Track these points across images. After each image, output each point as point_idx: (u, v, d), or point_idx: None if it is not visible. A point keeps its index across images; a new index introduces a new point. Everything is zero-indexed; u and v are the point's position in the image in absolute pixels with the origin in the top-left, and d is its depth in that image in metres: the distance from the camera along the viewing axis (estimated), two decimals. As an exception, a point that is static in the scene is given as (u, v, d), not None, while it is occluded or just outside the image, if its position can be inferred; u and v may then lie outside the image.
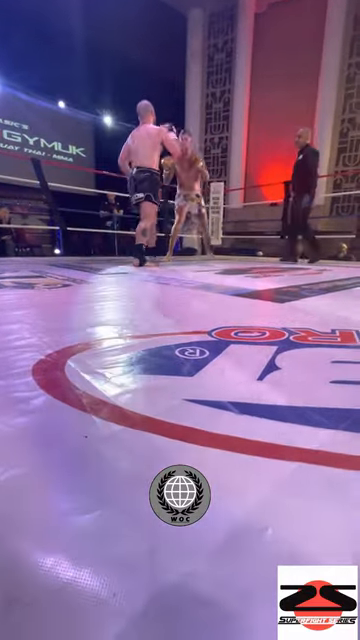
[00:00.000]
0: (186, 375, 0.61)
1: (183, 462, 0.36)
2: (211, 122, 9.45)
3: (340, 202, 8.10)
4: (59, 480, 0.35)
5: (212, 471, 0.35)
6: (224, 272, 2.90)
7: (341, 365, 0.68)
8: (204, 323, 0.99)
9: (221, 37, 9.07)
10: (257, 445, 0.40)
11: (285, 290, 1.77)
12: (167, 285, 1.91)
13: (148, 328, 0.94)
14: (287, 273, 2.83)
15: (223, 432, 0.43)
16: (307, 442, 0.41)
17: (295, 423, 0.46)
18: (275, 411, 0.49)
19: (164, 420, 0.45)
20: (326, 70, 7.70)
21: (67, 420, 0.45)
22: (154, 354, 0.72)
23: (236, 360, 0.70)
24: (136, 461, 0.38)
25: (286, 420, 0.46)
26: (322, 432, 0.43)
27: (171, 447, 0.39)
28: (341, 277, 2.51)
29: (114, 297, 1.46)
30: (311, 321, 1.06)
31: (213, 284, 1.98)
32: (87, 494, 0.32)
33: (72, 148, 9.76)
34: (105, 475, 0.35)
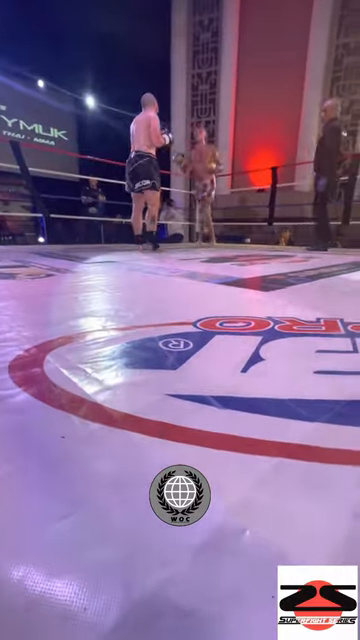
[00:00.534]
0: (169, 369, 0.60)
1: (162, 461, 0.35)
2: (197, 105, 9.21)
3: (327, 188, 8.08)
4: (32, 484, 0.33)
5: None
6: (210, 260, 2.87)
7: (325, 355, 0.69)
8: (189, 313, 0.97)
9: (206, 14, 8.75)
10: (238, 441, 0.39)
11: (271, 278, 1.77)
12: (153, 274, 1.88)
13: (132, 319, 0.92)
14: (274, 261, 2.83)
15: (204, 428, 0.42)
16: (288, 436, 0.40)
17: (277, 416, 0.45)
18: (257, 404, 0.48)
19: (144, 417, 0.44)
20: (314, 52, 7.56)
21: (44, 420, 0.44)
22: (137, 347, 0.71)
23: (220, 352, 0.69)
24: (114, 461, 0.36)
25: (268, 413, 0.46)
26: (304, 425, 0.43)
27: (151, 445, 0.38)
28: (327, 264, 2.53)
29: (99, 287, 1.43)
30: (296, 310, 1.06)
31: (199, 272, 1.96)
32: (61, 498, 0.31)
33: (54, 131, 9.40)
34: (81, 477, 0.34)
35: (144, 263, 2.49)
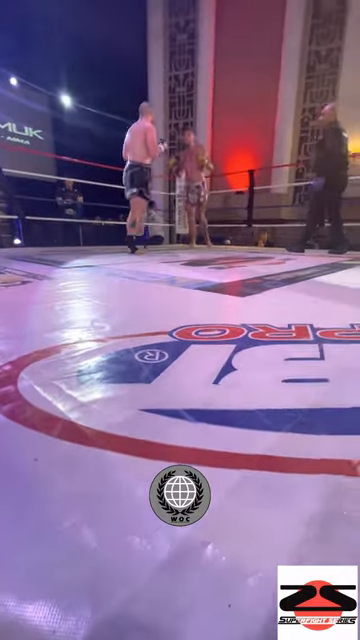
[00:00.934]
0: (144, 382, 0.62)
1: (132, 479, 0.37)
2: (175, 107, 9.24)
3: (302, 191, 8.32)
4: (1, 509, 0.34)
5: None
6: (190, 263, 2.90)
7: (293, 363, 0.72)
8: (166, 322, 0.99)
9: (182, 16, 8.80)
10: (208, 455, 0.42)
11: (248, 282, 1.82)
12: (132, 280, 1.89)
13: (109, 330, 0.92)
14: (252, 263, 2.89)
15: (176, 443, 0.44)
16: (254, 448, 0.43)
17: (245, 428, 0.48)
18: (228, 416, 0.51)
19: (118, 434, 0.45)
20: (287, 58, 7.76)
21: (17, 441, 0.44)
22: (113, 360, 0.72)
23: (195, 362, 0.71)
24: (85, 482, 0.38)
25: (237, 425, 0.48)
26: (269, 436, 0.46)
27: (122, 464, 0.40)
28: (302, 267, 2.61)
29: (76, 295, 1.42)
30: (270, 316, 1.10)
31: (177, 277, 1.98)
32: (30, 524, 0.32)
33: (28, 130, 9.16)
34: (52, 500, 0.35)
35: (123, 267, 2.49)
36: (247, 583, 0.26)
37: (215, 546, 0.29)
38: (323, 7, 7.46)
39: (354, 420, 0.51)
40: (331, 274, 2.22)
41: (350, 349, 0.81)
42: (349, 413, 0.53)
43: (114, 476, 0.38)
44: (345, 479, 0.38)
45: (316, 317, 1.07)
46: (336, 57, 7.66)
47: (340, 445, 0.45)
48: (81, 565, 0.29)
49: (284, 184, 8.08)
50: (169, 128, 9.23)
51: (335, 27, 7.45)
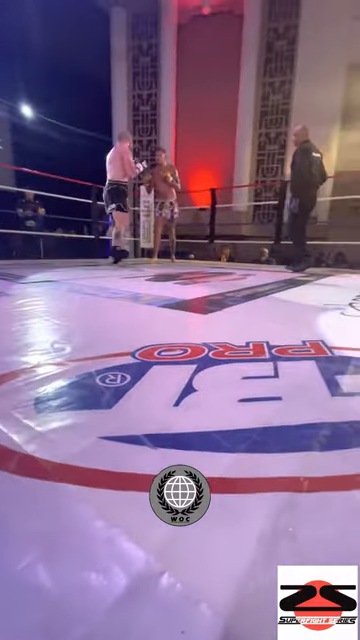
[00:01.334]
0: (104, 407, 0.62)
1: (89, 510, 0.37)
2: (139, 124, 9.45)
3: (261, 210, 8.82)
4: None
5: (119, 516, 0.37)
6: (154, 278, 2.93)
7: (249, 381, 0.76)
8: (129, 342, 1.00)
9: (145, 40, 9.12)
10: (165, 481, 0.43)
11: (210, 299, 1.88)
12: (94, 296, 1.87)
13: (70, 352, 0.91)
14: (214, 279, 2.99)
15: (134, 471, 0.45)
16: (210, 470, 0.45)
17: (203, 450, 0.50)
18: (186, 440, 0.52)
19: (76, 465, 0.45)
20: (244, 88, 8.30)
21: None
22: (73, 385, 0.71)
23: (156, 385, 0.73)
24: (42, 518, 0.37)
25: (195, 448, 0.50)
26: (225, 457, 0.48)
27: (79, 496, 0.40)
28: (262, 282, 2.75)
29: (35, 314, 1.38)
30: (230, 334, 1.15)
31: (142, 294, 2.00)
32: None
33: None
34: (5, 542, 0.34)
35: (85, 282, 2.45)
36: (199, 608, 0.28)
37: (170, 574, 0.31)
38: (275, 44, 8.14)
39: (303, 437, 0.55)
40: (287, 290, 2.36)
41: (301, 366, 0.87)
42: (299, 430, 0.57)
43: (70, 510, 0.38)
44: (294, 496, 0.42)
45: (272, 334, 1.14)
46: (288, 89, 8.34)
47: (290, 462, 0.48)
48: (36, 607, 0.28)
49: (244, 203, 8.51)
50: (133, 144, 9.40)
51: (286, 63, 8.14)
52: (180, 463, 0.46)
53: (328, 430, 0.56)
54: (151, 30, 8.98)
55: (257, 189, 8.90)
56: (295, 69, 8.11)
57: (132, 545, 0.33)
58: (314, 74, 7.80)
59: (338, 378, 0.78)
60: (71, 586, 0.30)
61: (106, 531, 0.35)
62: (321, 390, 0.72)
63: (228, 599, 0.29)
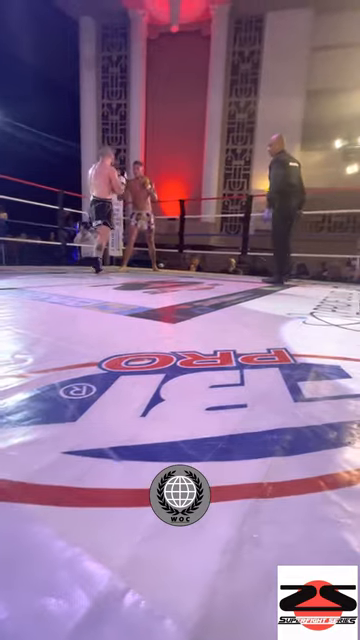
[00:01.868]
0: (69, 421, 0.60)
1: (49, 530, 0.35)
2: (108, 133, 9.45)
3: (228, 222, 9.10)
4: None
5: (81, 535, 0.36)
6: (123, 287, 2.91)
7: (216, 390, 0.77)
8: (96, 352, 0.98)
9: (115, 51, 9.22)
10: (130, 495, 0.42)
11: (178, 308, 1.89)
12: (61, 305, 1.81)
13: (32, 363, 0.87)
14: (183, 288, 3.02)
15: (99, 486, 0.43)
16: (177, 481, 0.45)
17: (169, 461, 0.49)
18: (153, 451, 0.52)
19: (38, 483, 0.43)
20: (211, 105, 8.63)
21: None
22: (35, 398, 0.68)
23: (123, 395, 0.71)
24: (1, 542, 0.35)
25: (161, 459, 0.50)
26: (191, 466, 0.48)
27: (39, 516, 0.38)
28: (229, 292, 2.82)
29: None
30: (197, 343, 1.16)
31: (110, 302, 1.97)
32: None
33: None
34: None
35: (52, 290, 2.37)
36: (163, 624, 0.27)
37: (134, 592, 0.30)
38: (240, 67, 8.57)
39: (267, 442, 0.57)
40: (253, 300, 2.44)
41: (266, 373, 0.90)
42: (263, 436, 0.59)
43: (29, 532, 0.36)
44: (258, 502, 0.42)
45: (239, 343, 1.17)
46: (252, 109, 8.79)
47: (254, 469, 0.49)
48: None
49: (212, 214, 8.75)
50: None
51: (250, 85, 8.60)
52: (146, 475, 0.46)
53: (291, 435, 0.58)
54: (120, 42, 9.11)
55: (225, 202, 9.20)
56: (259, 91, 8.58)
57: (94, 564, 0.32)
58: (276, 97, 8.30)
59: (300, 384, 0.82)
60: (29, 614, 0.28)
61: (67, 552, 0.33)
62: (284, 396, 0.75)
63: (193, 611, 0.29)
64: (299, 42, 8.24)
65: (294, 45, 8.22)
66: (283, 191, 3.49)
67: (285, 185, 3.48)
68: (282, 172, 3.48)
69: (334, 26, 8.18)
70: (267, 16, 8.36)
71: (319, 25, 8.25)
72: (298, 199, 3.58)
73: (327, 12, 8.11)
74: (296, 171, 3.55)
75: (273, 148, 3.64)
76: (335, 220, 8.95)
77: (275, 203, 3.56)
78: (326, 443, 0.56)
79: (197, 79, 8.70)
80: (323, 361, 1.02)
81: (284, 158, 3.54)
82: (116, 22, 8.88)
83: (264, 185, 5.23)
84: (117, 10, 8.55)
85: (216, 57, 8.47)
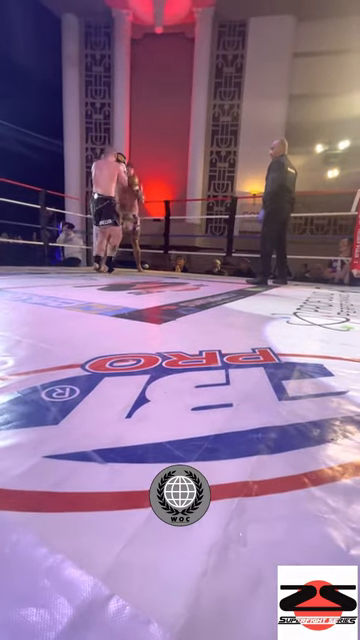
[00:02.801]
0: (51, 423, 0.58)
1: (29, 538, 0.34)
2: (92, 132, 9.35)
3: (213, 223, 9.17)
4: None
5: (63, 541, 0.35)
6: (108, 288, 2.88)
7: (202, 390, 0.77)
8: (79, 353, 0.96)
9: (98, 50, 9.13)
10: (115, 497, 0.41)
11: (164, 309, 1.89)
12: (43, 306, 1.77)
13: (13, 366, 0.85)
14: (168, 289, 3.01)
15: (83, 489, 0.42)
16: (163, 482, 0.44)
17: (155, 462, 0.49)
18: (138, 452, 0.51)
19: (18, 489, 0.41)
20: (196, 108, 8.68)
21: None
22: (16, 401, 0.66)
23: (107, 397, 0.70)
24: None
25: (147, 460, 0.49)
26: (177, 468, 0.48)
27: (20, 523, 0.36)
28: (214, 293, 2.83)
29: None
30: (183, 343, 1.16)
31: (93, 303, 1.94)
32: None
33: None
34: None
35: (34, 291, 2.32)
36: (149, 629, 0.27)
37: (119, 597, 0.29)
38: (224, 70, 8.66)
39: (252, 441, 0.57)
40: (238, 300, 2.46)
41: (251, 372, 0.91)
42: (248, 435, 0.59)
43: (9, 540, 0.34)
44: (243, 500, 0.42)
45: (224, 343, 1.17)
46: (236, 112, 8.89)
47: (240, 467, 0.49)
48: None
49: (197, 216, 8.79)
50: (85, 152, 9.24)
51: (234, 88, 8.70)
52: (131, 477, 0.45)
53: (275, 433, 0.59)
54: (104, 40, 9.03)
55: (209, 203, 9.26)
56: (242, 94, 8.70)
57: (77, 571, 0.31)
58: (260, 101, 8.43)
59: (285, 383, 0.83)
60: (8, 627, 0.27)
61: (49, 559, 0.32)
62: (269, 395, 0.75)
63: (180, 614, 0.28)
64: (281, 48, 8.41)
65: (277, 50, 8.38)
66: (279, 194, 3.53)
67: (282, 189, 3.51)
68: (280, 175, 3.51)
69: (316, 33, 8.39)
70: (250, 21, 8.49)
71: (301, 32, 8.44)
72: (291, 204, 3.65)
73: (309, 19, 8.32)
74: (292, 177, 3.61)
75: (275, 152, 3.66)
76: (317, 223, 9.16)
77: (270, 205, 3.58)
78: (310, 440, 0.57)
79: (181, 81, 8.73)
80: (306, 360, 1.04)
81: (284, 162, 3.56)
82: (99, 20, 8.79)
83: (248, 187, 5.25)
84: (100, 8, 8.47)
85: (200, 60, 8.53)
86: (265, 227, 3.68)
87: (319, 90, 8.58)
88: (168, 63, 8.87)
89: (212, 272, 6.60)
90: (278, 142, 3.68)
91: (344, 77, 8.40)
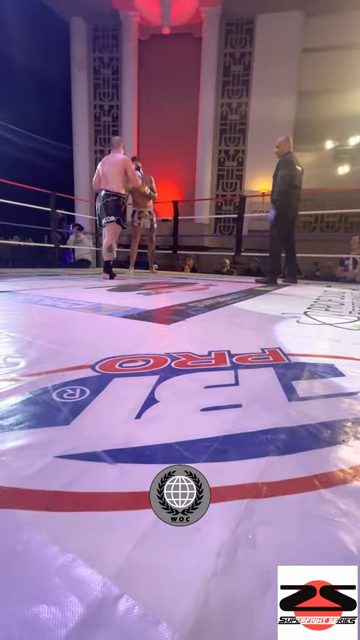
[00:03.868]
0: (62, 424, 0.59)
1: (42, 537, 0.35)
2: (100, 134, 9.43)
3: (222, 222, 9.13)
4: None
5: (74, 540, 0.35)
6: (117, 289, 2.90)
7: (211, 390, 0.77)
8: (89, 354, 0.97)
9: (106, 53, 9.20)
10: (125, 497, 0.42)
11: (173, 309, 1.89)
12: (53, 307, 1.80)
13: (24, 367, 0.86)
14: (177, 289, 3.02)
15: (93, 489, 0.43)
16: (172, 483, 0.44)
17: (164, 463, 0.49)
18: (147, 453, 0.51)
19: (30, 488, 0.42)
20: (203, 106, 8.66)
21: None
22: (27, 402, 0.67)
23: (117, 397, 0.71)
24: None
25: (156, 461, 0.49)
26: (186, 468, 0.48)
27: (31, 522, 0.37)
28: (223, 293, 2.82)
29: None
30: (192, 344, 1.16)
31: (103, 304, 1.96)
32: None
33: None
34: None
35: (45, 293, 2.36)
36: (157, 629, 0.27)
37: (128, 597, 0.29)
38: (232, 68, 8.62)
39: (262, 442, 0.57)
40: (247, 300, 2.45)
41: (260, 373, 0.90)
42: (258, 436, 0.59)
43: (21, 538, 0.35)
44: (253, 502, 0.42)
45: (233, 343, 1.17)
46: (244, 110, 8.83)
47: (249, 469, 0.49)
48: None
49: (206, 215, 8.77)
50: (94, 154, 9.32)
51: (242, 86, 8.64)
52: (141, 478, 0.45)
53: (285, 435, 0.58)
54: (112, 43, 9.10)
55: (218, 202, 9.23)
56: (250, 92, 8.64)
57: (88, 570, 0.32)
58: (268, 98, 8.35)
59: (294, 384, 0.82)
60: (21, 623, 0.28)
61: (60, 558, 0.33)
62: (279, 396, 0.75)
63: (189, 615, 0.28)
64: (290, 44, 8.32)
65: (285, 47, 8.29)
66: (288, 192, 3.52)
67: (291, 187, 3.50)
68: (289, 173, 3.50)
69: (324, 28, 8.27)
70: (258, 18, 8.43)
71: (309, 27, 8.34)
72: (297, 202, 3.62)
73: (317, 14, 8.21)
74: (300, 175, 3.58)
75: (280, 149, 3.62)
76: (327, 220, 9.03)
77: (280, 204, 3.55)
78: (320, 442, 0.57)
79: (189, 80, 8.72)
80: (317, 360, 1.03)
81: (292, 159, 3.54)
82: (107, 23, 8.86)
83: (257, 186, 5.20)
84: (108, 11, 8.53)
85: (207, 59, 8.50)
86: (275, 226, 3.66)
87: (328, 86, 8.46)
88: (175, 63, 8.88)
89: (221, 272, 6.57)
90: (283, 139, 3.64)
91: (354, 72, 8.26)
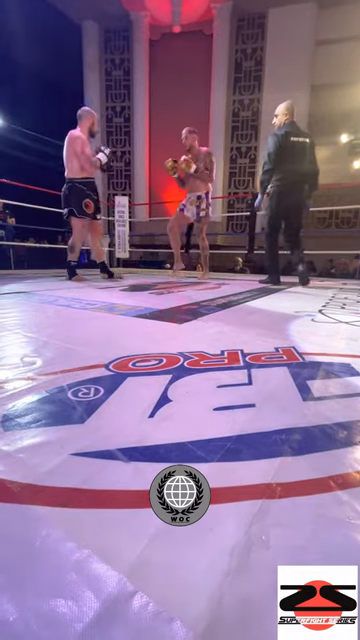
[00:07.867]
0: (77, 422, 0.60)
1: (58, 532, 0.36)
2: (112, 135, 9.51)
3: (234, 220, 9.06)
4: None
5: (90, 536, 0.36)
6: (130, 288, 2.92)
7: (224, 390, 0.77)
8: (103, 354, 0.98)
9: (117, 54, 9.27)
10: (139, 495, 0.42)
11: (185, 308, 1.89)
12: (68, 308, 1.83)
13: (41, 366, 0.88)
14: (189, 288, 3.01)
15: (109, 487, 0.43)
16: (185, 482, 0.45)
17: (177, 461, 0.49)
18: (161, 452, 0.52)
19: (46, 485, 0.43)
20: (215, 104, 8.60)
21: None
22: (43, 400, 0.68)
23: (130, 397, 0.72)
24: (6, 546, 0.35)
25: (169, 460, 0.50)
26: (199, 467, 0.48)
27: (48, 518, 0.38)
28: (236, 292, 2.80)
29: (4, 327, 1.32)
30: (204, 343, 1.16)
31: (116, 304, 1.98)
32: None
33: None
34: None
35: (59, 293, 2.40)
36: (172, 626, 0.27)
37: (143, 594, 0.30)
38: (243, 64, 8.53)
39: (276, 442, 0.56)
40: (260, 298, 2.42)
41: (274, 372, 0.89)
42: (272, 436, 0.58)
43: (39, 534, 0.36)
44: (266, 503, 0.42)
45: (246, 342, 1.16)
46: (257, 106, 8.73)
47: (263, 469, 0.49)
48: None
49: (218, 213, 8.72)
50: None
51: (254, 82, 8.54)
52: (154, 476, 0.46)
53: (299, 435, 0.58)
54: (123, 44, 9.15)
55: (230, 200, 9.16)
56: (263, 88, 8.53)
57: (103, 566, 0.32)
58: (281, 93, 8.22)
59: (309, 383, 0.81)
60: (38, 616, 0.28)
61: (76, 553, 0.33)
62: (293, 395, 0.74)
63: (202, 613, 0.28)
64: (302, 37, 8.16)
65: (297, 40, 8.14)
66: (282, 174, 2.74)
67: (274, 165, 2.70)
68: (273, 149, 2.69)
69: (338, 20, 8.07)
70: (269, 12, 8.30)
71: (322, 19, 8.15)
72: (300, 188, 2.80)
73: (330, 6, 8.02)
74: (302, 148, 2.72)
75: (278, 120, 2.88)
76: (342, 216, 8.83)
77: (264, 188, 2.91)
78: (336, 442, 0.56)
79: (200, 78, 8.69)
80: (333, 359, 1.01)
81: (283, 131, 2.72)
82: (118, 25, 8.92)
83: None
84: (119, 13, 8.59)
85: (219, 55, 8.44)
86: (267, 216, 3.02)
87: (342, 79, 8.25)
88: (186, 61, 8.86)
89: (234, 270, 6.53)
90: (279, 107, 2.89)
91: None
